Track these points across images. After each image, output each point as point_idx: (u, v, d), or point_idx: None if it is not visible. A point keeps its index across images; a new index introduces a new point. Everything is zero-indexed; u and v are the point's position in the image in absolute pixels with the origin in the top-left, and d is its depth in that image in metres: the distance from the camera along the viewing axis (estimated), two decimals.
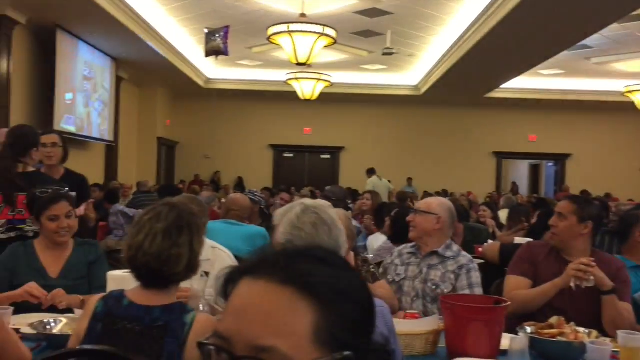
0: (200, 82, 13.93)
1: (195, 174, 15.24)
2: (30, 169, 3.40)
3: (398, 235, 3.92)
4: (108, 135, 11.51)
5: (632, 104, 12.33)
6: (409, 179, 15.28)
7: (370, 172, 13.42)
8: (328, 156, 16.59)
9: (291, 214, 1.79)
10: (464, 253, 3.02)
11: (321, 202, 1.92)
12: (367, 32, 10.22)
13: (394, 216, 4.23)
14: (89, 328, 1.67)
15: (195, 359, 1.62)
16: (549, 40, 9.16)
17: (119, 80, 11.98)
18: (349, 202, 8.86)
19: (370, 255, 3.90)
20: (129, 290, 1.75)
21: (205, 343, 0.78)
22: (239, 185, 14.87)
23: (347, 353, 0.75)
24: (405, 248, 3.11)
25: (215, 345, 0.77)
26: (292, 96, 12.26)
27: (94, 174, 11.07)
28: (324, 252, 0.84)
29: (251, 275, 0.79)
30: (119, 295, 1.73)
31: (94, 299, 1.76)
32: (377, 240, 4.43)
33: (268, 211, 5.68)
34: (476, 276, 2.89)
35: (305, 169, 16.40)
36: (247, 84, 14.41)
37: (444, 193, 12.26)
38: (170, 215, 1.73)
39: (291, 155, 16.61)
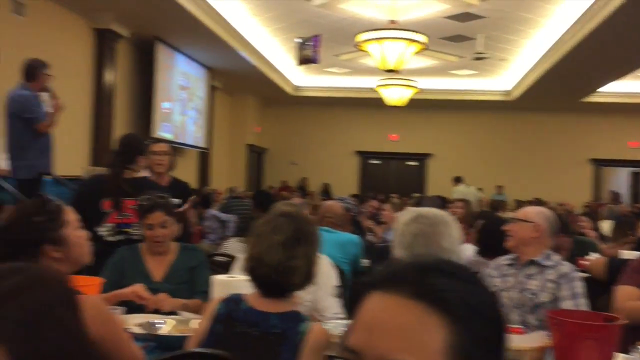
0: (289, 90, 14.18)
1: (282, 180, 15.49)
2: (138, 175, 3.56)
3: (487, 247, 3.76)
4: (202, 143, 11.94)
5: None
6: (499, 187, 14.81)
7: (458, 180, 13.14)
8: (415, 163, 16.40)
9: (408, 224, 1.77)
10: (565, 262, 2.88)
11: (435, 211, 1.90)
12: (457, 37, 10.03)
13: (483, 228, 4.06)
14: (210, 329, 1.72)
15: None
16: None
17: (212, 90, 12.41)
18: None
19: None
20: (248, 295, 1.79)
21: (334, 356, 0.78)
22: (325, 192, 14.98)
23: None
24: (503, 260, 3.01)
25: (346, 359, 0.76)
26: (379, 103, 12.23)
27: (188, 179, 11.47)
28: (454, 265, 0.82)
29: (381, 289, 0.78)
30: (238, 298, 1.77)
31: (216, 300, 1.81)
32: (467, 250, 4.29)
33: (358, 219, 5.68)
34: (580, 286, 2.73)
35: (392, 176, 16.29)
36: (334, 91, 14.51)
37: (537, 202, 11.78)
38: (288, 227, 1.75)
39: (377, 162, 16.55)
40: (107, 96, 8.45)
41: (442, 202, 8.88)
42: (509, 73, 12.53)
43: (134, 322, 2.42)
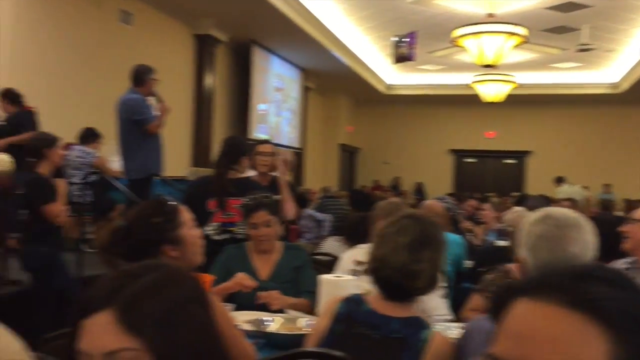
0: (381, 89, 14.10)
1: (374, 179, 15.43)
2: (242, 175, 3.65)
3: (603, 250, 3.52)
4: (296, 143, 12.12)
5: None
6: (606, 186, 13.96)
7: (560, 180, 12.50)
8: (513, 161, 15.81)
9: (534, 224, 1.69)
10: None
11: (566, 213, 1.79)
12: (560, 29, 9.56)
13: (597, 229, 3.82)
14: (330, 328, 1.69)
15: None
16: None
17: (306, 90, 12.56)
18: None
19: None
20: (370, 296, 1.76)
21: None
22: (419, 191, 14.76)
23: None
24: (621, 263, 2.81)
25: None
26: (474, 99, 11.89)
27: None
28: (610, 271, 0.75)
29: (531, 295, 0.72)
30: (359, 299, 1.75)
31: (336, 299, 1.78)
32: None
33: (457, 219, 5.52)
34: None
35: (488, 174, 15.80)
36: (427, 88, 14.27)
37: None
38: (414, 228, 1.71)
39: (473, 160, 16.11)
40: (207, 99, 8.76)
41: (547, 202, 8.50)
42: (617, 64, 11.79)
43: (244, 319, 2.47)
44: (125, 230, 1.85)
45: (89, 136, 5.74)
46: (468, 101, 13.30)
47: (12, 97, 5.13)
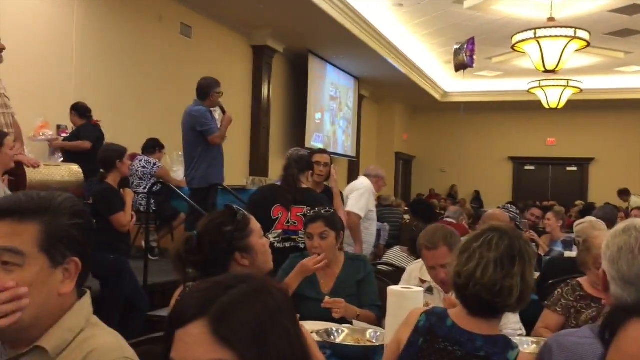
0: (437, 96, 13.95)
1: (430, 188, 15.24)
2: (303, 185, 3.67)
3: None
4: (350, 151, 12.11)
5: None
6: None
7: (624, 193, 11.82)
8: (575, 168, 15.33)
9: (616, 236, 1.61)
10: None
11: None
12: (624, 32, 9.23)
13: None
14: (410, 340, 1.66)
15: None
16: None
17: (360, 99, 12.56)
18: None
19: None
20: (452, 311, 1.71)
21: None
22: (476, 199, 14.50)
23: None
24: None
25: None
26: (534, 105, 11.61)
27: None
28: None
29: None
30: (442, 313, 1.71)
31: (417, 311, 1.75)
32: None
33: (521, 228, 5.38)
34: None
35: (549, 182, 15.36)
36: (485, 95, 14.02)
37: None
38: (501, 243, 1.63)
39: (532, 167, 15.70)
40: (264, 109, 8.87)
41: (615, 211, 8.19)
42: None
43: (311, 329, 2.46)
44: (198, 239, 1.88)
45: (153, 147, 5.90)
46: (527, 107, 13.01)
47: (81, 110, 5.34)
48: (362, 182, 4.65)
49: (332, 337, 2.30)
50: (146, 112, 6.83)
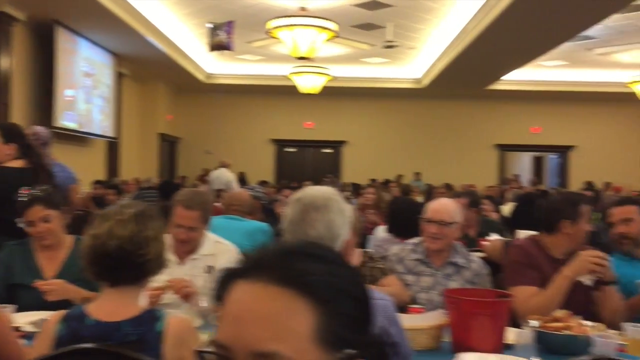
0: (201, 77, 13.89)
1: (203, 168, 15.11)
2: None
3: (398, 228, 3.86)
4: (110, 132, 11.48)
5: (635, 94, 12.25)
6: (417, 174, 15.21)
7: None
8: (330, 150, 16.55)
9: (289, 208, 1.75)
10: (473, 257, 2.98)
11: (317, 189, 1.86)
12: (367, 25, 10.16)
13: (392, 207, 4.16)
14: (54, 356, 1.45)
15: None
16: (550, 31, 9.09)
17: (120, 77, 11.94)
18: (352, 196, 8.84)
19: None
20: (91, 306, 1.62)
21: (204, 351, 0.74)
22: (242, 181, 14.83)
23: (350, 351, 0.73)
24: (410, 246, 3.00)
25: (215, 354, 0.74)
26: (293, 90, 12.22)
27: (96, 170, 11.06)
28: (318, 248, 0.82)
29: (245, 278, 0.76)
30: (80, 313, 1.59)
31: (52, 321, 1.61)
32: (378, 232, 4.40)
33: (271, 207, 5.65)
34: (489, 280, 2.95)
35: (308, 163, 16.37)
36: (248, 78, 14.36)
37: (447, 187, 12.19)
38: (137, 205, 1.71)
39: (293, 149, 16.57)
40: (2, 83, 7.94)
41: (357, 189, 9.03)
42: (419, 61, 12.86)
43: (27, 320, 2.30)
44: None
45: None
46: (287, 92, 13.62)
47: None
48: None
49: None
50: None
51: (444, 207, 2.91)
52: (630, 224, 2.83)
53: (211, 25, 8.59)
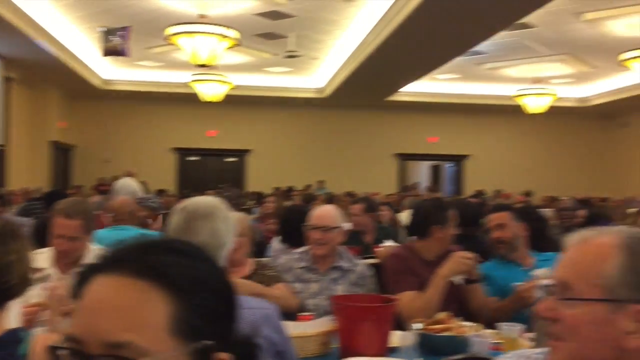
0: (98, 83, 13.36)
1: (98, 177, 14.48)
2: None
3: (289, 237, 3.86)
4: None
5: (521, 107, 13.08)
6: (320, 182, 15.37)
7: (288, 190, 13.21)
8: (234, 159, 16.41)
9: (174, 216, 1.72)
10: (357, 260, 3.06)
11: (203, 198, 1.85)
12: (270, 35, 10.19)
13: (284, 215, 4.17)
14: None
15: None
16: (443, 46, 9.54)
17: (7, 81, 11.24)
18: (255, 204, 8.81)
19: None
20: None
21: (56, 347, 0.73)
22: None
23: (207, 343, 0.74)
24: (298, 256, 3.03)
25: (67, 348, 0.73)
26: (195, 98, 12.02)
27: None
28: (180, 243, 0.83)
29: (103, 272, 0.76)
30: None
31: None
32: (274, 242, 4.41)
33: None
34: (373, 282, 3.03)
35: (211, 172, 16.13)
36: (147, 85, 13.98)
37: (349, 196, 12.41)
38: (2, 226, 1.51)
39: (196, 158, 16.28)
40: None
41: (258, 197, 9.01)
42: (322, 71, 13.06)
43: None
44: None
45: None
46: (189, 100, 13.38)
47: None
48: None
49: None
50: None
51: (326, 212, 2.99)
52: (505, 229, 3.01)
53: (104, 29, 8.30)
